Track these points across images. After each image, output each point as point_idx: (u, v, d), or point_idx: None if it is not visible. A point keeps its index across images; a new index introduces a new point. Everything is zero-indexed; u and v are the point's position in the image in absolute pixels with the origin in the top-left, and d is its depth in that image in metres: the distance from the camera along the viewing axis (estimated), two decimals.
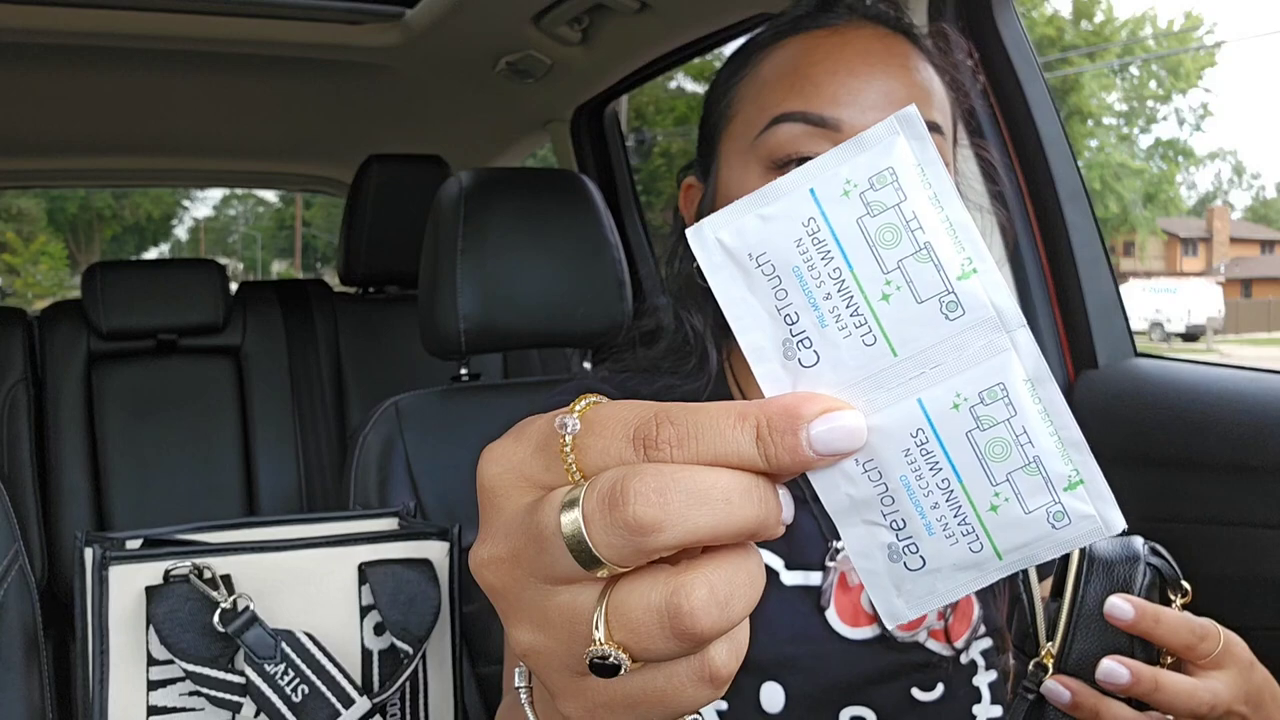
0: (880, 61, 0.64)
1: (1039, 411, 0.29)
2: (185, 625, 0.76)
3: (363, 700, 0.78)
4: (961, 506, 0.29)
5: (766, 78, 0.66)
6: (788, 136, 0.63)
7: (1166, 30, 23.51)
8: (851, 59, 0.64)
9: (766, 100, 0.65)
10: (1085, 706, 0.50)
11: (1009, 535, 0.29)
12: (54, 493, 1.83)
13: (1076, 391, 1.14)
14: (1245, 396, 0.98)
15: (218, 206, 29.40)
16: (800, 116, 0.63)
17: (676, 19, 1.49)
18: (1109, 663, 0.49)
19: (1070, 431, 0.29)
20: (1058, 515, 0.29)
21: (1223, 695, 0.49)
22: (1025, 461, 0.29)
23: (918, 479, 0.28)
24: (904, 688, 0.67)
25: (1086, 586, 0.51)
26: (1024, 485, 0.28)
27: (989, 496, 0.28)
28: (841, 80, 0.63)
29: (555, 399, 0.75)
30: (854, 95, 0.62)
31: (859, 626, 0.68)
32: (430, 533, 0.87)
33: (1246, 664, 0.51)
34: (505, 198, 1.10)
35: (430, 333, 1.10)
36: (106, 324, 1.87)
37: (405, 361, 1.93)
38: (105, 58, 1.77)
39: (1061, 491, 0.29)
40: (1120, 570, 0.52)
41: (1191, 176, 27.66)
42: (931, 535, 0.29)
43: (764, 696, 0.66)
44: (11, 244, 19.95)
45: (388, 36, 1.74)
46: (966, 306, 0.28)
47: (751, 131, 0.65)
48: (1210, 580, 1.03)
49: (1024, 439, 0.29)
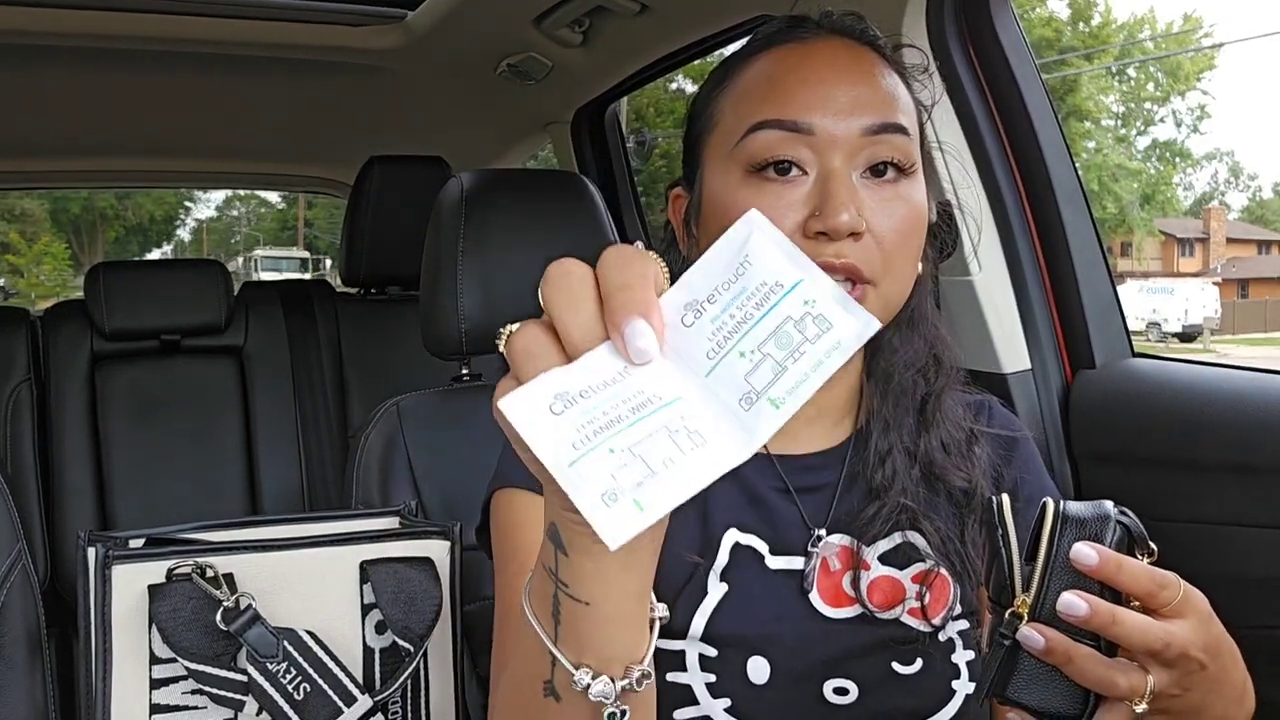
0: (847, 70, 0.69)
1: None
2: (188, 624, 0.76)
3: (364, 698, 0.79)
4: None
5: (744, 89, 0.72)
6: (765, 142, 0.68)
7: (1165, 32, 23.51)
8: (820, 68, 0.69)
9: (744, 110, 0.70)
10: (1058, 651, 0.53)
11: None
12: (57, 492, 1.83)
13: (1074, 392, 1.15)
14: (1242, 396, 0.99)
15: (220, 208, 29.46)
16: (775, 124, 0.68)
17: (676, 21, 1.50)
18: (1069, 595, 0.52)
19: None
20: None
21: (1179, 637, 0.53)
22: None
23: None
24: (884, 661, 0.71)
25: (1060, 541, 0.54)
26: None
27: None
28: (812, 88, 0.68)
29: None
30: (824, 101, 0.68)
31: (840, 607, 0.72)
32: (431, 531, 0.87)
33: (1205, 616, 0.54)
34: (506, 199, 1.11)
35: (431, 333, 1.11)
36: (110, 324, 1.88)
37: (406, 362, 1.93)
38: (109, 60, 1.78)
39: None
40: (1092, 526, 0.55)
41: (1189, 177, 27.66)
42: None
43: (750, 669, 0.70)
44: (15, 244, 19.98)
45: (390, 38, 1.74)
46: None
47: (731, 139, 0.70)
48: (1207, 580, 1.03)
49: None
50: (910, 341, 0.77)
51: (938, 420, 0.76)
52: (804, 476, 0.75)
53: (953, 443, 0.76)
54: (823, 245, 0.66)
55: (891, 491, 0.73)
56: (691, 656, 0.70)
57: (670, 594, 0.70)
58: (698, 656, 0.69)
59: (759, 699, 0.68)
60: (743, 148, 0.69)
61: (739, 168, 0.69)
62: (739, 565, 0.72)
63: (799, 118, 0.67)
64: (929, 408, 0.77)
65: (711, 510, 0.73)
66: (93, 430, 1.87)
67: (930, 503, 0.74)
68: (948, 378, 0.78)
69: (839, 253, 0.66)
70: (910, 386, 0.77)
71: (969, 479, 0.75)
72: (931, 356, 0.77)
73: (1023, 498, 0.77)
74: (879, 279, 0.68)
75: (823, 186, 0.67)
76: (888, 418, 0.76)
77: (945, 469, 0.75)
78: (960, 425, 0.77)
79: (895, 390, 0.76)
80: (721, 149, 0.71)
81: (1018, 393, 1.14)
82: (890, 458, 0.75)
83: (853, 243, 0.66)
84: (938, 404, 0.77)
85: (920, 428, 0.76)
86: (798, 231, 0.67)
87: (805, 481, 0.75)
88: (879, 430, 0.76)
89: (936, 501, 0.75)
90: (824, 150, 0.67)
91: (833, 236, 0.66)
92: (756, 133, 0.68)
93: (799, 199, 0.67)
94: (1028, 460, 0.81)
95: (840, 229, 0.65)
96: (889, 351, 0.76)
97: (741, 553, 0.72)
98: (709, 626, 0.70)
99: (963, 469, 0.75)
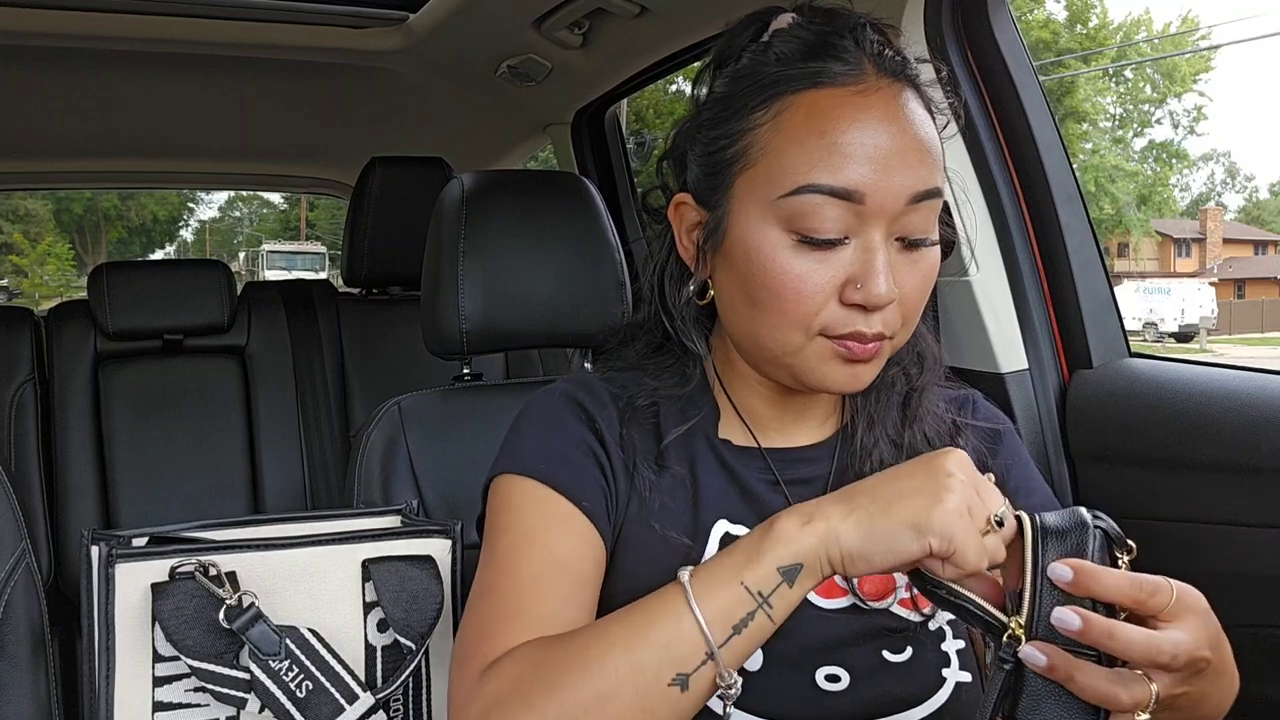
0: (900, 130, 0.67)
1: None
2: (190, 622, 0.77)
3: (366, 696, 0.79)
4: None
5: (791, 134, 0.68)
6: (814, 207, 0.66)
7: (1162, 34, 23.49)
8: (875, 125, 0.66)
9: (791, 162, 0.67)
10: (1060, 668, 0.53)
11: None
12: (61, 491, 1.84)
13: (1071, 392, 1.15)
14: (1239, 396, 0.99)
15: (223, 208, 29.47)
16: (829, 190, 0.66)
17: (676, 23, 1.50)
18: (1061, 611, 0.53)
19: None
20: None
21: (1185, 644, 0.52)
22: None
23: None
24: (875, 649, 0.72)
25: (1044, 556, 0.54)
26: None
27: None
28: (868, 152, 0.66)
29: (554, 389, 0.80)
30: (880, 169, 0.66)
31: (832, 598, 0.73)
32: (433, 530, 0.88)
33: (1203, 611, 0.54)
34: (506, 200, 1.12)
35: (432, 333, 1.11)
36: (113, 324, 1.88)
37: (408, 362, 1.94)
38: (112, 61, 1.78)
39: None
40: (1073, 537, 0.55)
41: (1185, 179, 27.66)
42: None
43: None
44: (19, 245, 19.98)
45: (391, 40, 1.75)
46: None
47: (774, 188, 0.68)
48: (1204, 579, 1.03)
49: None
50: None
51: (920, 415, 0.78)
52: (793, 469, 0.77)
53: (936, 435, 0.78)
54: (857, 315, 0.67)
55: None
56: None
57: (661, 580, 0.71)
58: None
59: (751, 685, 0.69)
60: (788, 205, 0.67)
61: (780, 224, 0.68)
62: None
63: (853, 186, 0.66)
64: (912, 403, 0.78)
65: (702, 500, 0.75)
66: (96, 429, 1.87)
67: None
68: (931, 374, 0.79)
69: (871, 324, 0.67)
70: (894, 383, 0.78)
71: None
72: (915, 354, 0.78)
73: (1009, 488, 0.78)
74: (898, 332, 0.70)
75: (864, 258, 0.67)
76: (872, 413, 0.77)
77: None
78: (942, 418, 0.79)
79: (879, 386, 0.77)
80: (761, 193, 0.68)
81: (1015, 393, 1.14)
82: (876, 450, 0.76)
83: (883, 309, 0.68)
84: (920, 399, 0.78)
85: (904, 423, 0.78)
86: (834, 296, 0.67)
87: (794, 474, 0.76)
88: (864, 426, 0.77)
89: None
90: (870, 219, 0.67)
91: (869, 309, 0.67)
92: (806, 195, 0.66)
93: (840, 264, 0.67)
94: (1013, 452, 0.82)
95: (880, 302, 0.66)
96: None
97: (731, 542, 0.73)
98: None
99: None
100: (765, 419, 0.78)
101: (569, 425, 0.75)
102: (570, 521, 0.71)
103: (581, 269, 1.12)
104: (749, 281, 0.70)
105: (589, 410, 0.76)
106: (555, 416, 0.76)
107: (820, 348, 0.69)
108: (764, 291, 0.69)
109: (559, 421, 0.76)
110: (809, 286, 0.67)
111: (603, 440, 0.75)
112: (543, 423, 0.76)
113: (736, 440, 0.77)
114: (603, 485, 0.73)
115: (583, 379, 0.80)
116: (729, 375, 0.79)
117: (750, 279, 0.70)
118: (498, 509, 0.73)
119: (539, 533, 0.70)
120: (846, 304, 0.67)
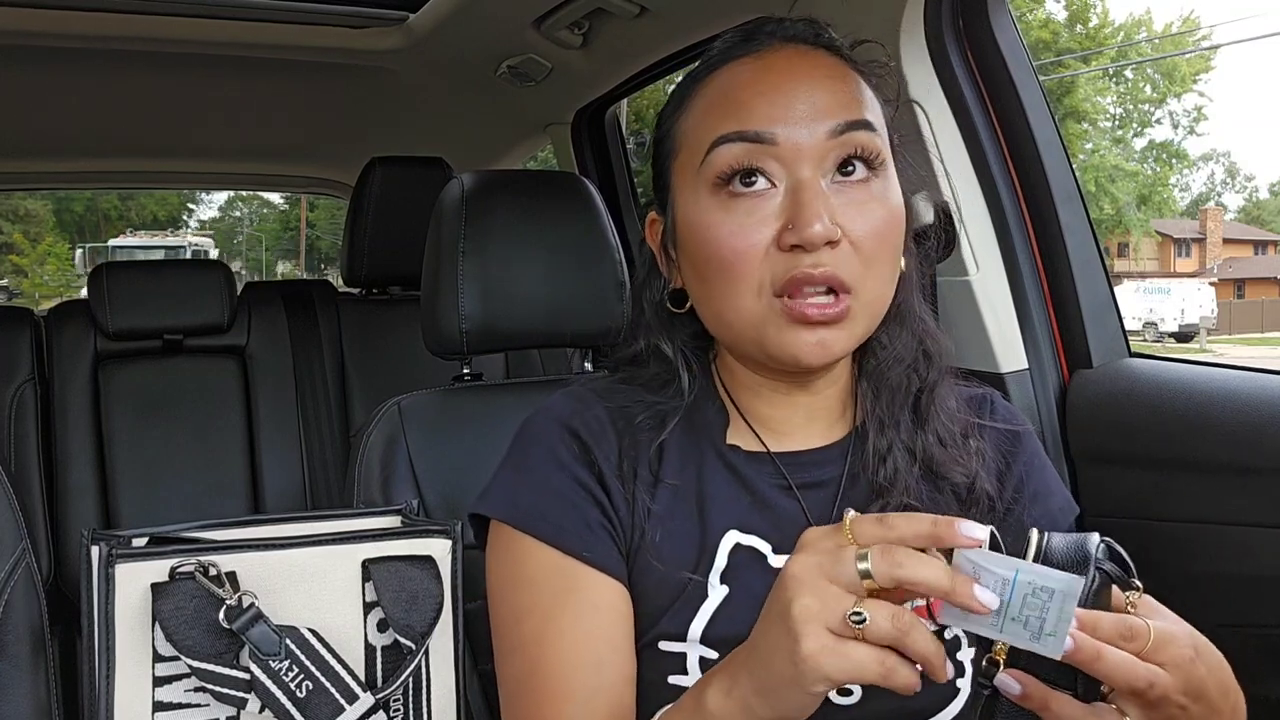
0: (805, 76, 0.69)
1: None
2: (190, 622, 0.77)
3: (366, 696, 0.79)
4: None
5: (703, 107, 0.72)
6: (728, 155, 0.68)
7: (1163, 34, 23.51)
8: (776, 78, 0.69)
9: (705, 128, 0.70)
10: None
11: None
12: (61, 491, 1.84)
13: (1071, 392, 1.15)
14: (1239, 396, 0.99)
15: (223, 208, 29.48)
16: (736, 136, 0.68)
17: (675, 23, 1.50)
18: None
19: None
20: None
21: (1162, 678, 0.52)
22: None
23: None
24: None
25: None
26: None
27: None
28: (769, 98, 0.68)
29: (550, 414, 0.78)
30: (783, 110, 0.67)
31: None
32: (433, 530, 0.88)
33: (1185, 660, 0.53)
34: (506, 200, 1.12)
35: (432, 333, 1.11)
36: (113, 324, 1.88)
37: (408, 362, 1.94)
38: (112, 61, 1.78)
39: None
40: (1071, 572, 0.54)
41: (1185, 179, 27.69)
42: None
43: None
44: (19, 245, 19.99)
45: (391, 40, 1.75)
46: None
47: (696, 159, 0.70)
48: (1204, 579, 1.04)
49: None
50: (899, 337, 0.76)
51: (932, 415, 0.76)
52: (805, 472, 0.76)
53: (949, 436, 0.76)
54: (799, 257, 0.66)
55: (894, 491, 0.73)
56: (692, 659, 0.70)
57: (670, 597, 0.71)
58: (698, 659, 0.69)
59: None
60: (708, 165, 0.69)
61: (706, 186, 0.69)
62: (740, 566, 0.71)
63: (760, 128, 0.67)
64: (923, 403, 0.77)
65: (710, 512, 0.73)
66: (96, 429, 1.87)
67: (933, 501, 0.74)
68: (939, 372, 0.78)
69: (816, 262, 0.66)
70: (902, 383, 0.77)
71: (968, 472, 0.75)
72: (921, 352, 0.77)
73: (1028, 492, 0.78)
74: (859, 285, 0.68)
75: (793, 198, 0.66)
76: (882, 416, 0.76)
77: (945, 464, 0.75)
78: (955, 418, 0.77)
79: (888, 388, 0.76)
80: (688, 171, 0.71)
81: (1015, 393, 1.14)
82: (890, 456, 0.75)
83: (830, 251, 0.66)
84: (931, 398, 0.77)
85: (916, 424, 0.76)
86: (772, 245, 0.67)
87: (807, 477, 0.75)
88: (875, 429, 0.76)
89: (940, 499, 0.75)
90: (791, 160, 0.67)
91: (808, 248, 0.65)
92: (719, 148, 0.68)
93: (771, 213, 0.67)
94: (1033, 454, 0.81)
95: (815, 239, 0.65)
96: (878, 349, 0.76)
97: (742, 554, 0.72)
98: (708, 629, 0.70)
99: (961, 462, 0.75)
100: (773, 422, 0.77)
101: (566, 466, 0.74)
102: (587, 591, 0.70)
103: (581, 269, 1.12)
104: (696, 258, 0.71)
105: (585, 442, 0.74)
106: (552, 458, 0.74)
107: (778, 313, 0.68)
108: (709, 262, 0.70)
109: (557, 465, 0.74)
110: (744, 240, 0.67)
111: (602, 478, 0.73)
112: (542, 466, 0.74)
113: (745, 446, 0.76)
114: (607, 527, 0.72)
115: (580, 395, 0.79)
116: (732, 381, 0.78)
117: (696, 254, 0.71)
118: (512, 581, 0.73)
119: (561, 615, 0.70)
120: (785, 249, 0.66)
